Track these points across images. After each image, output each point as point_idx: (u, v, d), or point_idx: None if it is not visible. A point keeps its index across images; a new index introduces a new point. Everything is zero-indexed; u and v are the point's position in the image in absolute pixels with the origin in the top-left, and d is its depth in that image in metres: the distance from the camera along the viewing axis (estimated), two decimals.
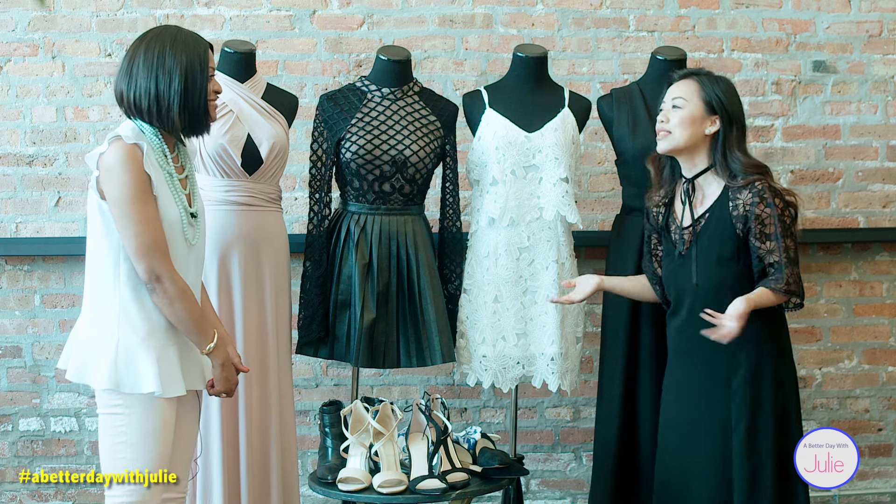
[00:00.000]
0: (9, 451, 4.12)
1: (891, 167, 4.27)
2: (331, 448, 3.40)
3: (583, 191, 4.16)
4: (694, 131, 3.00)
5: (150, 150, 2.61)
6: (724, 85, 3.05)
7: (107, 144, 2.58)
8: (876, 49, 4.24)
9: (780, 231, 2.93)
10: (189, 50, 2.65)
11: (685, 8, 4.18)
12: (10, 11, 4.06)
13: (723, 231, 2.98)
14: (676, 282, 3.08)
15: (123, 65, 2.64)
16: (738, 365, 2.98)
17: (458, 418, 4.17)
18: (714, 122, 3.00)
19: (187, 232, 2.67)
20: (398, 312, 3.43)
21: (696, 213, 3.03)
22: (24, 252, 4.04)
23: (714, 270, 3.00)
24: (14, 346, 4.11)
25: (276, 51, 4.10)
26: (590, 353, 4.05)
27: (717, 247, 2.99)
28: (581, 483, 4.22)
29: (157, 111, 2.61)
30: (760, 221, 2.93)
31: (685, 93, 3.03)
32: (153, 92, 2.60)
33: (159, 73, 2.60)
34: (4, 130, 4.08)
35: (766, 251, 2.94)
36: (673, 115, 3.03)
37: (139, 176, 2.55)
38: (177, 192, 2.66)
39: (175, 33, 2.67)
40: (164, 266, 2.56)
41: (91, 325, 2.62)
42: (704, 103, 3.01)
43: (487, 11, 4.14)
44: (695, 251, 3.02)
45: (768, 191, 2.95)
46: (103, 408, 2.60)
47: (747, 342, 2.95)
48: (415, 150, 3.42)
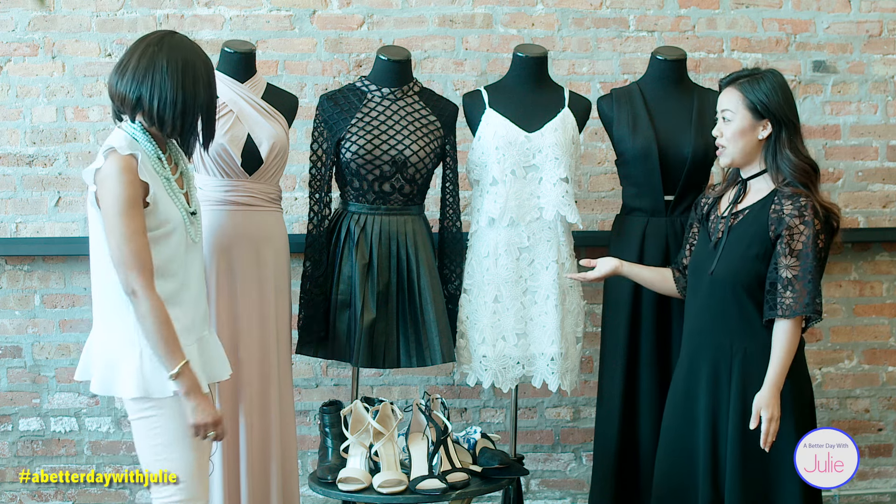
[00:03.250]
0: (9, 451, 4.12)
1: (891, 167, 4.27)
2: (331, 448, 3.40)
3: (583, 191, 4.16)
4: (746, 142, 3.02)
5: (146, 157, 2.61)
6: (769, 83, 3.01)
7: (102, 158, 2.58)
8: (876, 49, 4.24)
9: (811, 251, 2.91)
10: (207, 65, 2.69)
11: (685, 8, 4.18)
12: (10, 11, 4.06)
13: (756, 230, 2.99)
14: (697, 269, 3.09)
15: (139, 68, 2.61)
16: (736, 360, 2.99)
17: (458, 418, 4.17)
18: (765, 125, 3.00)
19: (190, 231, 2.71)
20: (398, 312, 3.43)
21: (738, 209, 3.05)
22: (24, 252, 4.04)
23: (735, 264, 3.00)
24: (14, 346, 4.11)
25: (276, 51, 4.10)
26: (590, 353, 4.05)
27: (746, 243, 3.00)
28: (581, 483, 4.22)
29: (181, 122, 2.63)
30: (791, 234, 2.92)
31: (731, 104, 3.03)
32: (180, 103, 2.61)
33: (185, 84, 2.61)
34: (4, 130, 4.08)
35: (786, 265, 2.93)
36: (725, 128, 3.04)
37: (132, 189, 2.55)
38: (175, 195, 2.67)
39: (192, 45, 2.69)
40: (140, 281, 2.55)
41: (107, 336, 2.64)
42: (751, 111, 3.00)
43: (487, 11, 4.14)
44: (724, 242, 3.03)
45: (810, 210, 2.93)
46: (134, 414, 2.64)
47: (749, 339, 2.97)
48: (415, 150, 3.42)
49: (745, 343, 2.98)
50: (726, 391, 2.99)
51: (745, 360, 2.98)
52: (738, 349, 2.98)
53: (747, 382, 2.96)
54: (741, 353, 2.98)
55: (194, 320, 2.73)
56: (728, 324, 3.00)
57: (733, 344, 2.99)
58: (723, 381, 3.00)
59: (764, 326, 2.97)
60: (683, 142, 3.45)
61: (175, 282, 2.68)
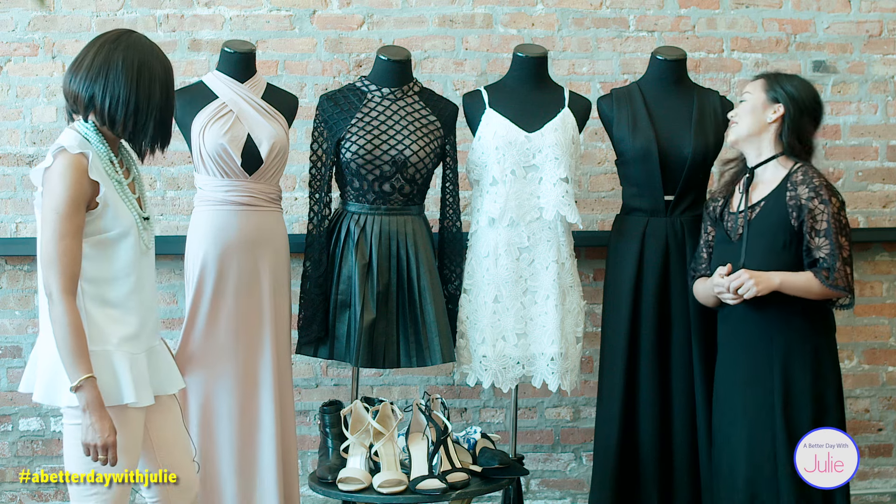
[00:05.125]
0: (9, 451, 4.12)
1: (891, 167, 4.27)
2: (331, 448, 3.40)
3: (583, 191, 4.16)
4: (755, 119, 3.14)
5: (97, 157, 2.54)
6: (797, 81, 3.19)
7: (51, 158, 2.50)
8: (876, 49, 4.24)
9: (835, 228, 3.00)
10: (164, 65, 2.61)
11: (685, 8, 4.18)
12: (10, 11, 4.06)
13: (777, 220, 3.05)
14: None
15: (93, 66, 2.55)
16: (776, 354, 3.03)
17: (458, 418, 4.17)
18: (777, 109, 3.12)
19: (143, 236, 2.62)
20: (398, 312, 3.43)
21: (752, 201, 3.11)
22: (24, 252, 4.03)
23: (763, 258, 3.04)
24: (14, 346, 4.11)
25: (276, 51, 4.10)
26: (590, 353, 4.05)
27: (770, 236, 3.05)
28: (581, 483, 4.22)
29: (133, 123, 2.54)
30: (812, 216, 3.00)
31: (751, 88, 3.20)
32: (132, 103, 2.53)
33: (140, 84, 2.53)
34: (4, 130, 4.08)
35: (816, 246, 3.01)
36: (739, 108, 3.20)
37: (77, 189, 2.47)
38: (127, 198, 2.60)
39: (151, 45, 2.60)
40: (58, 284, 2.45)
41: (52, 345, 2.52)
42: (767, 94, 3.15)
43: (487, 11, 4.14)
44: (746, 237, 3.07)
45: (825, 189, 3.04)
46: (72, 419, 2.52)
47: (788, 333, 3.02)
48: (415, 150, 3.42)
49: (785, 334, 3.01)
50: (769, 385, 3.03)
51: (786, 352, 3.01)
52: (779, 341, 3.02)
53: (789, 374, 3.00)
54: (781, 344, 3.02)
55: (144, 329, 2.62)
56: (766, 315, 3.04)
57: (773, 336, 3.01)
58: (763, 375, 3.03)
59: (802, 315, 3.01)
60: (683, 142, 3.45)
61: (126, 287, 2.58)
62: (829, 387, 3.06)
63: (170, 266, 3.98)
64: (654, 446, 3.43)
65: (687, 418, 3.42)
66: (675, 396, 3.44)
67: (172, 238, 3.77)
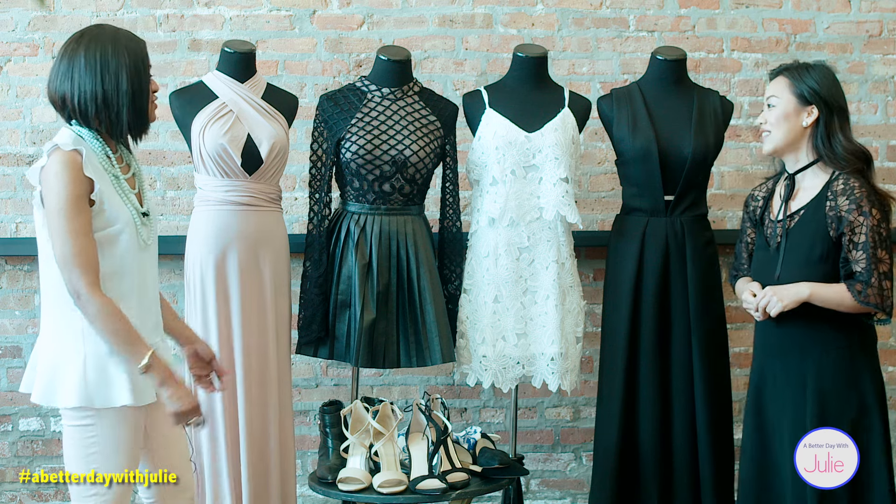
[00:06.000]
0: (9, 451, 4.12)
1: (891, 167, 4.27)
2: (331, 448, 3.40)
3: (583, 191, 4.16)
4: (790, 126, 3.01)
5: (92, 153, 2.52)
6: (818, 73, 3.04)
7: (46, 157, 2.50)
8: (876, 49, 4.24)
9: (872, 242, 2.90)
10: (131, 50, 2.58)
11: (685, 8, 4.18)
12: (10, 11, 4.06)
13: (815, 230, 2.96)
14: (762, 276, 3.07)
15: (61, 67, 2.54)
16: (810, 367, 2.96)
17: (458, 418, 4.17)
18: (811, 112, 3.00)
19: (141, 232, 2.59)
20: (398, 312, 3.43)
21: (791, 210, 3.02)
22: (24, 252, 4.03)
23: (800, 269, 2.97)
24: (14, 346, 4.11)
25: (276, 51, 4.10)
26: (590, 353, 4.05)
27: (808, 246, 2.97)
28: (581, 483, 4.22)
29: (106, 115, 2.53)
30: (851, 229, 2.91)
31: (777, 90, 3.04)
32: (100, 95, 2.52)
33: (105, 75, 2.52)
34: (4, 130, 4.08)
35: (854, 260, 2.92)
36: (769, 114, 3.04)
37: (75, 185, 2.46)
38: (125, 193, 2.58)
39: (114, 33, 2.59)
40: (83, 281, 2.43)
41: (54, 344, 2.53)
42: (797, 97, 3.01)
43: (487, 11, 4.14)
44: (784, 246, 3.00)
45: (866, 200, 2.91)
46: (71, 420, 2.52)
47: (823, 345, 2.95)
48: (415, 150, 3.42)
49: (819, 346, 2.96)
50: (802, 397, 2.97)
51: (820, 364, 2.95)
52: (812, 352, 2.96)
53: (824, 386, 2.94)
54: (815, 356, 2.96)
55: (144, 327, 2.58)
56: (800, 327, 2.98)
57: (805, 347, 2.97)
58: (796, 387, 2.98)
59: (835, 328, 2.95)
60: (683, 142, 3.45)
61: (125, 284, 2.55)
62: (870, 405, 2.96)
63: (170, 266, 3.97)
64: (654, 446, 3.43)
65: (687, 418, 3.42)
66: (675, 396, 3.44)
67: (172, 238, 3.77)
